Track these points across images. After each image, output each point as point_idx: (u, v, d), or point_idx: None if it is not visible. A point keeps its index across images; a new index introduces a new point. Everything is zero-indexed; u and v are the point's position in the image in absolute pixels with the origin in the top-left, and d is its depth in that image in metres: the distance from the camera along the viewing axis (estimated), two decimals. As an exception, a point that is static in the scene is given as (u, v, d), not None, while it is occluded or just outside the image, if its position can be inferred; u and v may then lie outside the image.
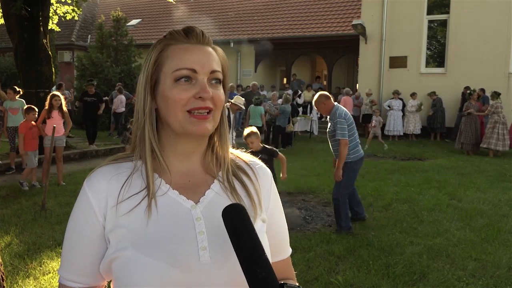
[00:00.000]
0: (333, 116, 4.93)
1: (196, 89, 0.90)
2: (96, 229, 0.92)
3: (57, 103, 7.16)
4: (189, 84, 0.90)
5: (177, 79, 0.90)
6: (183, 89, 0.90)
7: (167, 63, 0.92)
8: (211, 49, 0.95)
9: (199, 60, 0.91)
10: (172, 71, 0.91)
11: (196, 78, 0.91)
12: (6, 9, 9.24)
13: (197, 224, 0.90)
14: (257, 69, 19.01)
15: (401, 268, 4.00)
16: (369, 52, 14.94)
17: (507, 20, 13.04)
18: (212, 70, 0.92)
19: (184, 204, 0.92)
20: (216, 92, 0.92)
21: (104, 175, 0.94)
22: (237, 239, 0.79)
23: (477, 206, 6.09)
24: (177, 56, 0.91)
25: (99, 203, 0.92)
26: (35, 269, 3.95)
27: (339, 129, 4.85)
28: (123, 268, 0.87)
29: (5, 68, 17.59)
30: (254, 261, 0.76)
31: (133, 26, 21.15)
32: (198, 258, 0.87)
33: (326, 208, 6.11)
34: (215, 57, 0.95)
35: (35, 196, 6.50)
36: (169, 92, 0.90)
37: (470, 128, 11.20)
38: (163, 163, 0.94)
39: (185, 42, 0.93)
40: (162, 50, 0.93)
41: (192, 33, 0.94)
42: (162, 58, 0.93)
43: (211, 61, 0.93)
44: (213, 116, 0.92)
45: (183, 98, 0.89)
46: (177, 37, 0.94)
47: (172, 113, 0.91)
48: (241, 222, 0.80)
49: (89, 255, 0.93)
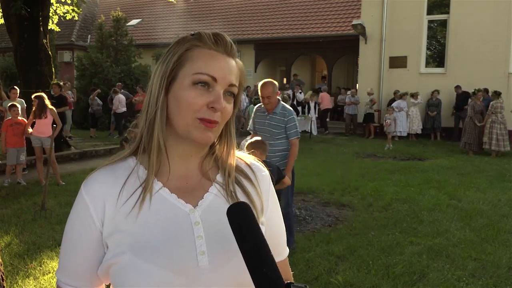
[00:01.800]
0: (288, 112, 4.32)
1: (211, 98, 0.89)
2: (93, 234, 0.91)
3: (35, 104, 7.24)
4: (205, 90, 0.89)
5: (196, 82, 0.89)
6: (199, 94, 0.89)
7: (190, 63, 0.90)
8: (235, 62, 0.95)
9: (222, 70, 0.90)
10: (193, 73, 0.89)
11: (213, 87, 0.90)
12: (6, 9, 9.24)
13: (196, 228, 0.89)
14: (257, 69, 19.01)
15: (401, 268, 4.00)
16: (369, 52, 14.94)
17: (507, 20, 13.04)
18: (230, 83, 0.91)
19: (183, 208, 0.91)
20: (227, 106, 0.91)
21: (101, 179, 0.93)
22: (242, 237, 0.78)
23: (477, 206, 6.09)
24: (202, 60, 0.90)
25: (96, 208, 0.91)
26: (35, 269, 3.95)
27: (296, 127, 4.33)
28: (121, 274, 0.86)
29: (5, 68, 17.59)
30: (260, 260, 0.75)
31: (133, 26, 21.15)
32: (196, 263, 0.86)
33: (326, 208, 6.11)
34: (236, 71, 0.94)
35: (35, 196, 6.50)
36: (184, 93, 0.89)
37: (475, 127, 11.19)
38: (166, 163, 0.93)
39: (213, 48, 0.92)
40: (188, 49, 0.91)
41: (222, 42, 0.93)
42: (186, 56, 0.91)
43: (232, 74, 0.92)
44: (218, 128, 0.92)
45: (197, 103, 0.88)
46: (206, 41, 0.92)
47: (182, 115, 0.89)
48: (246, 220, 0.79)
49: (85, 260, 0.92)
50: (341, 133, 15.32)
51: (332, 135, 15.15)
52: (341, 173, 8.42)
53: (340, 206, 6.20)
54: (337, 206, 6.21)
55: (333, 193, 6.84)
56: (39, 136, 7.34)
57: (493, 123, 10.77)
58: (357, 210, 5.96)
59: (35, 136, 7.33)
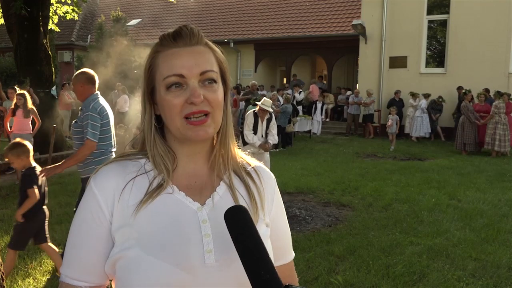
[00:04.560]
0: (86, 108, 3.73)
1: (187, 94, 0.89)
2: (103, 226, 0.91)
3: (18, 101, 7.22)
4: (180, 89, 0.90)
5: (168, 87, 0.90)
6: (175, 96, 0.89)
7: (158, 71, 0.92)
8: (203, 47, 0.93)
9: (186, 64, 0.89)
10: (162, 79, 0.90)
11: (186, 83, 0.90)
12: (6, 9, 9.24)
13: (203, 226, 0.90)
14: (257, 69, 19.01)
15: (401, 268, 4.00)
16: (369, 52, 14.94)
17: (507, 20, 13.04)
18: (202, 71, 0.90)
19: (191, 206, 0.92)
20: (210, 94, 0.90)
21: (111, 173, 0.94)
22: (239, 241, 0.78)
23: (477, 206, 6.09)
24: (166, 63, 0.91)
25: (106, 200, 0.91)
26: (35, 269, 3.95)
27: (91, 126, 3.66)
28: (127, 268, 0.87)
29: (5, 68, 17.59)
30: (257, 263, 0.76)
31: (133, 26, 21.15)
32: (203, 261, 0.87)
33: (326, 208, 6.11)
34: (206, 56, 0.92)
35: (35, 196, 6.50)
36: (164, 100, 0.91)
37: (472, 128, 11.19)
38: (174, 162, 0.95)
39: (173, 46, 0.91)
40: (153, 58, 0.93)
41: (180, 36, 0.92)
42: (154, 66, 0.93)
43: (200, 63, 0.90)
44: (213, 118, 0.91)
45: (176, 105, 0.89)
46: (165, 43, 0.93)
47: (171, 120, 0.91)
48: (243, 224, 0.79)
49: (95, 253, 0.92)
50: (341, 133, 15.33)
51: (332, 135, 15.15)
52: (341, 173, 8.42)
53: (340, 206, 6.20)
54: (337, 206, 6.21)
55: (333, 193, 6.84)
56: (19, 133, 7.37)
57: (497, 123, 10.77)
58: (357, 210, 5.96)
59: (15, 134, 7.36)
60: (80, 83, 3.75)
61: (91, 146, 3.67)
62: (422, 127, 13.64)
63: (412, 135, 13.70)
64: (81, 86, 3.75)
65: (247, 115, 6.41)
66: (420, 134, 13.68)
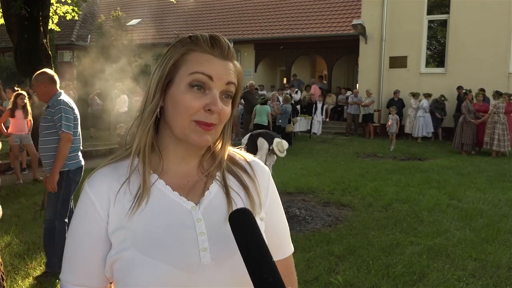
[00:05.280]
0: (56, 103, 3.66)
1: (207, 100, 0.89)
2: (100, 229, 0.92)
3: (21, 102, 7.21)
4: (201, 93, 0.90)
5: (192, 85, 0.90)
6: (195, 97, 0.89)
7: (186, 66, 0.91)
8: (233, 65, 0.95)
9: (218, 71, 0.90)
10: (189, 73, 0.90)
11: (209, 88, 0.90)
12: (6, 9, 9.24)
13: (198, 225, 0.91)
14: (257, 69, 19.01)
15: (401, 268, 4.00)
16: (369, 52, 14.94)
17: (507, 20, 13.04)
18: (228, 82, 0.91)
19: (185, 205, 0.93)
20: (224, 108, 0.91)
21: (104, 176, 0.94)
22: (244, 244, 0.78)
23: (477, 206, 6.09)
24: (197, 63, 0.91)
25: (101, 204, 0.92)
26: (35, 269, 3.95)
27: (65, 119, 3.61)
28: (124, 269, 0.87)
29: (5, 68, 17.59)
30: (261, 266, 0.76)
31: (133, 26, 21.15)
32: (199, 259, 0.87)
33: (326, 208, 6.11)
34: (233, 72, 0.94)
35: (35, 196, 6.51)
36: (180, 96, 0.90)
37: (471, 128, 11.20)
38: (167, 162, 0.95)
39: (209, 52, 0.92)
40: (184, 54, 0.92)
41: (218, 45, 0.92)
42: (182, 60, 0.92)
43: (229, 75, 0.92)
44: (216, 129, 0.92)
45: (193, 106, 0.89)
46: (201, 44, 0.92)
47: (179, 118, 0.90)
48: (248, 227, 0.80)
49: (94, 256, 0.92)
50: (341, 133, 15.32)
51: (332, 135, 15.14)
52: (341, 173, 8.42)
53: (340, 206, 6.20)
54: (337, 206, 6.21)
55: (333, 193, 6.84)
56: (19, 134, 7.36)
57: (496, 123, 10.77)
58: (357, 210, 5.96)
59: (15, 134, 7.35)
60: (43, 84, 3.71)
61: (68, 138, 3.62)
62: (425, 127, 13.63)
63: (416, 135, 13.67)
64: (45, 86, 3.71)
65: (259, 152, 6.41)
66: (423, 134, 13.67)
